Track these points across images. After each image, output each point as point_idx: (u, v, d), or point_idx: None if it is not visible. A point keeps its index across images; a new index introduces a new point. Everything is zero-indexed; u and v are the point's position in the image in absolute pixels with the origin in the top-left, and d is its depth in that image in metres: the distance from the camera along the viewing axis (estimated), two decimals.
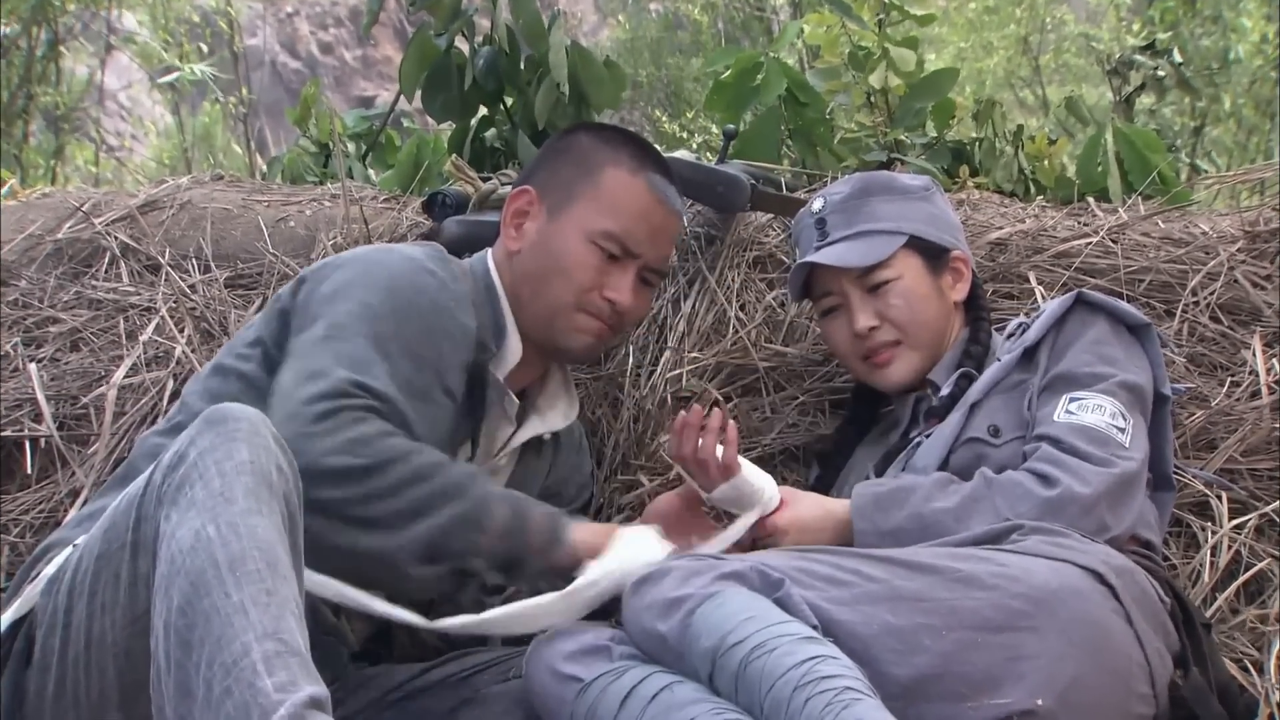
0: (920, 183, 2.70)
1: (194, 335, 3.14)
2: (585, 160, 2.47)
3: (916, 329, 2.60)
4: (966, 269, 2.68)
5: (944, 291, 2.64)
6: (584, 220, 2.42)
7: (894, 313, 2.60)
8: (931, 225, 2.64)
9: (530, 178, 2.52)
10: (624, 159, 2.46)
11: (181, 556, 1.68)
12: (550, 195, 2.47)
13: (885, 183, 2.68)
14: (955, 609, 1.98)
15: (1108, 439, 2.32)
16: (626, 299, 2.43)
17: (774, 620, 1.88)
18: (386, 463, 2.02)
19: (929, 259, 2.63)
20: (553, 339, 2.45)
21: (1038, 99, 15.34)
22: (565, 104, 3.73)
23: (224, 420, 1.79)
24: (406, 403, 2.13)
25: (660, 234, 2.47)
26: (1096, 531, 2.24)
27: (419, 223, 3.38)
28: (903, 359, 2.61)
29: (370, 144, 4.42)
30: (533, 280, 2.44)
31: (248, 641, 1.61)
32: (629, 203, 2.44)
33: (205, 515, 1.70)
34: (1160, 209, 3.41)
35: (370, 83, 24.93)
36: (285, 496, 1.79)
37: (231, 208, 3.54)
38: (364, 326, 2.17)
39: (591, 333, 2.44)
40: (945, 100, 3.95)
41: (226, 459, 1.75)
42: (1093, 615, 2.04)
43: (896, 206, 2.64)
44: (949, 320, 2.65)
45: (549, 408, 2.57)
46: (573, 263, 2.41)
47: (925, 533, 2.27)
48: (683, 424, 2.37)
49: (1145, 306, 3.04)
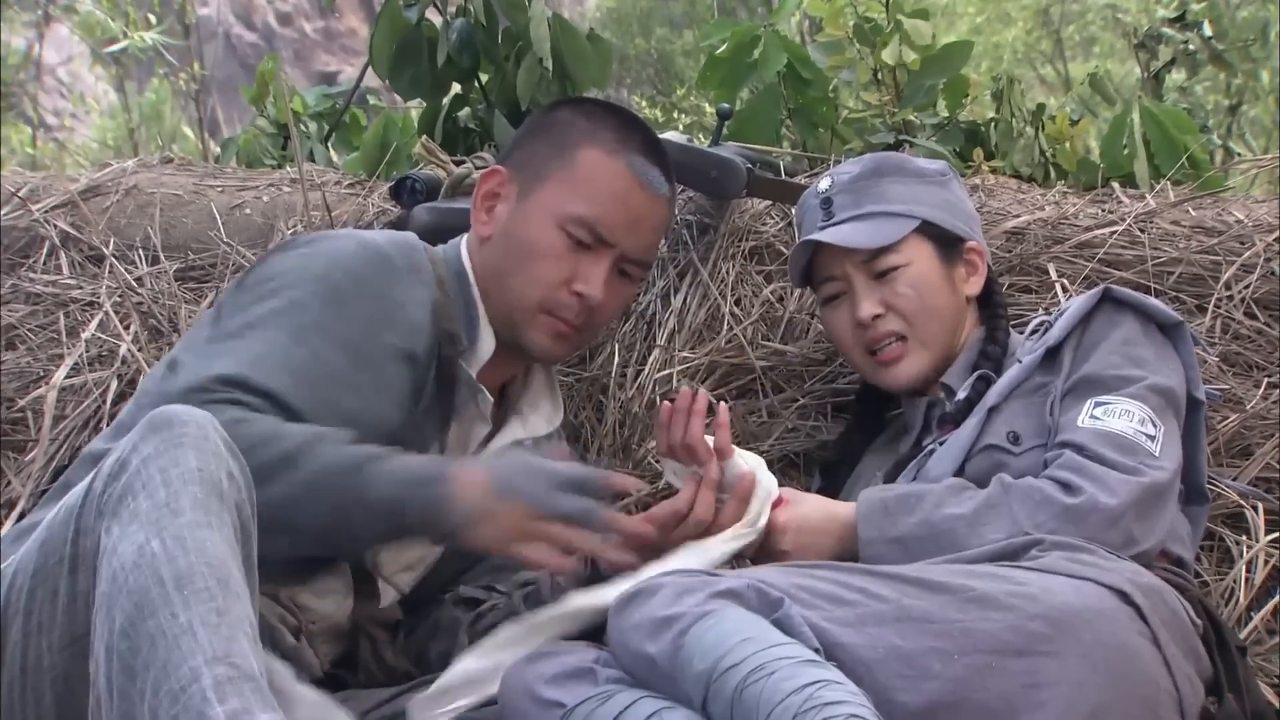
0: (936, 167, 2.70)
1: (141, 332, 3.13)
2: (561, 137, 2.46)
3: (924, 321, 2.60)
4: (982, 262, 2.68)
5: (956, 284, 2.64)
6: (553, 203, 2.41)
7: (901, 302, 2.59)
8: (946, 212, 2.64)
9: (506, 157, 2.53)
10: (603, 136, 2.44)
11: (124, 573, 1.68)
12: (523, 174, 2.46)
13: (898, 164, 2.68)
14: (969, 631, 1.98)
15: (1136, 446, 2.32)
16: (596, 292, 2.40)
17: (773, 642, 1.88)
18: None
19: (942, 247, 2.63)
20: (515, 337, 2.44)
21: (1059, 75, 15.36)
22: (547, 81, 3.73)
23: (169, 424, 1.79)
24: (310, 396, 2.13)
25: (640, 221, 2.44)
26: (1123, 546, 2.24)
27: (386, 210, 3.38)
28: (912, 356, 2.61)
29: (333, 124, 4.41)
30: (499, 271, 2.43)
31: (196, 666, 1.61)
32: (604, 185, 2.41)
33: (150, 528, 1.70)
34: (1191, 195, 3.42)
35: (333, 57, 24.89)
36: (237, 506, 1.78)
37: (182, 193, 3.53)
38: (283, 320, 2.18)
39: (555, 333, 2.42)
40: (958, 77, 3.95)
41: (172, 466, 1.75)
42: (1118, 638, 2.04)
43: (910, 189, 2.64)
44: (960, 316, 2.64)
45: (531, 410, 2.57)
46: (539, 250, 2.39)
47: (936, 541, 2.28)
48: (669, 412, 2.37)
49: (1174, 301, 3.04)
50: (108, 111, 17.78)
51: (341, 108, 4.45)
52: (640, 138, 2.47)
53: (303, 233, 3.26)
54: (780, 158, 3.54)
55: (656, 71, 16.32)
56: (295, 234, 3.29)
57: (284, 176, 3.71)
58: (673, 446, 2.37)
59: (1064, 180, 3.77)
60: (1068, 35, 15.65)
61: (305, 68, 24.17)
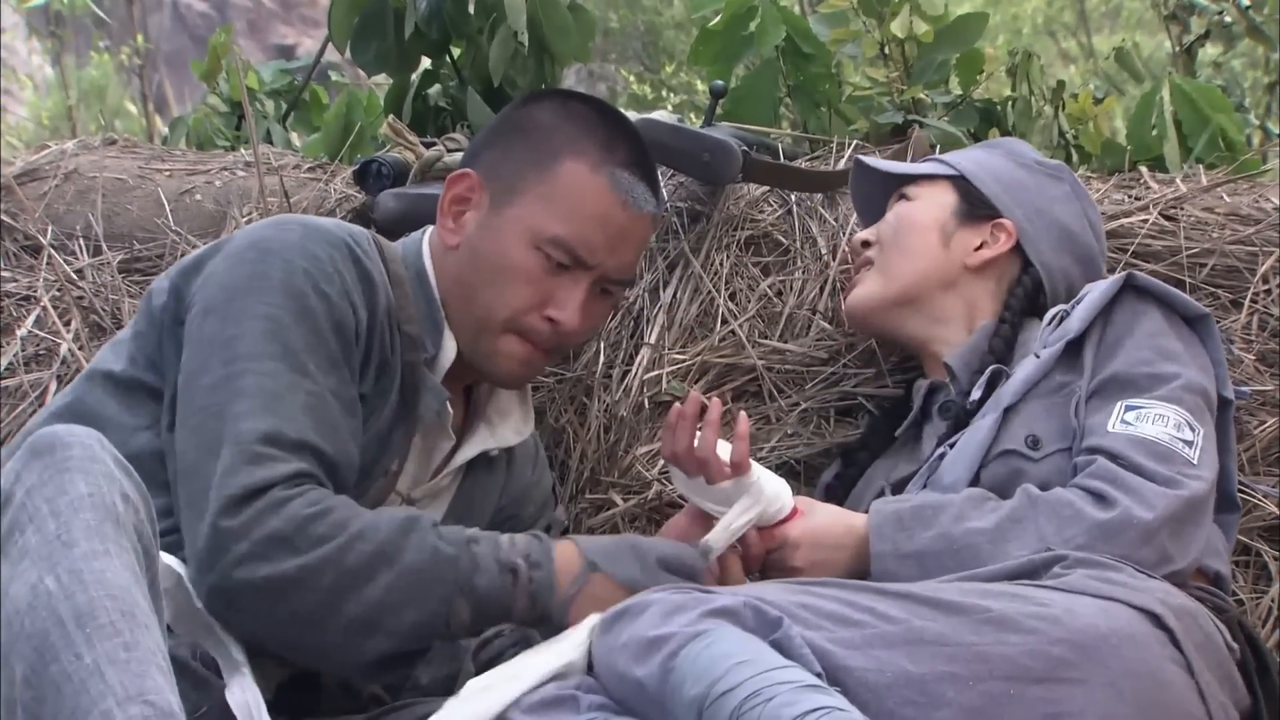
0: (1046, 161, 2.82)
1: (82, 329, 3.13)
2: (542, 143, 2.43)
3: (891, 252, 2.70)
4: (1007, 241, 2.70)
5: (953, 243, 2.68)
6: (530, 220, 2.38)
7: (884, 229, 2.73)
8: (1000, 184, 2.72)
9: (477, 157, 2.49)
10: (588, 147, 2.41)
11: (19, 617, 1.66)
12: (496, 181, 2.43)
13: (1009, 145, 2.85)
14: (985, 656, 1.98)
15: (1173, 454, 2.33)
16: (572, 319, 2.39)
17: (771, 665, 1.88)
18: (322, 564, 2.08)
19: (965, 204, 2.70)
20: (476, 359, 2.44)
21: (1082, 49, 15.39)
22: (523, 56, 3.72)
23: (51, 448, 1.77)
24: (329, 435, 2.18)
25: (622, 241, 2.42)
26: (1157, 564, 2.24)
27: (350, 196, 3.38)
28: (868, 282, 2.73)
29: (291, 102, 4.40)
30: (464, 284, 2.42)
31: (108, 709, 1.60)
32: (586, 204, 2.39)
33: (42, 565, 1.68)
34: (1226, 179, 3.42)
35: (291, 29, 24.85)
36: (136, 529, 1.77)
37: (126, 178, 3.53)
38: (271, 344, 2.20)
39: (519, 359, 2.42)
40: (972, 51, 3.95)
41: (60, 495, 1.73)
42: (1148, 665, 2.04)
43: (983, 155, 2.79)
44: (947, 277, 2.70)
45: (500, 419, 2.57)
46: (511, 270, 2.38)
47: (956, 557, 2.28)
48: (678, 416, 2.37)
49: (1208, 295, 3.05)
50: (44, 88, 17.76)
51: (301, 84, 4.44)
52: (627, 148, 2.45)
53: (256, 219, 3.26)
54: (779, 139, 3.55)
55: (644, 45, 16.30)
56: (250, 222, 3.28)
57: (238, 159, 3.70)
58: (676, 455, 2.37)
59: (1087, 164, 3.78)
60: (1092, 6, 15.68)
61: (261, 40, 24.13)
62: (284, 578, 2.06)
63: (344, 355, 2.25)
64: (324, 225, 2.35)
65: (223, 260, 2.29)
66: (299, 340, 2.20)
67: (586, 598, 2.18)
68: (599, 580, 2.20)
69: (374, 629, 2.10)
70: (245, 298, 2.23)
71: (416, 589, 2.12)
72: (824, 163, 3.41)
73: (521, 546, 2.20)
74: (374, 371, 2.32)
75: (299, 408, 2.16)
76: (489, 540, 2.19)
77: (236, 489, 2.07)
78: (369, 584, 2.09)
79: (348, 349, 2.26)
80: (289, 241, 2.28)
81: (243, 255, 2.28)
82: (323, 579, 2.07)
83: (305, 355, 2.20)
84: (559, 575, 2.18)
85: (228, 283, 2.25)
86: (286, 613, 2.08)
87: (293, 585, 2.07)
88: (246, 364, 2.17)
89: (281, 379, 2.17)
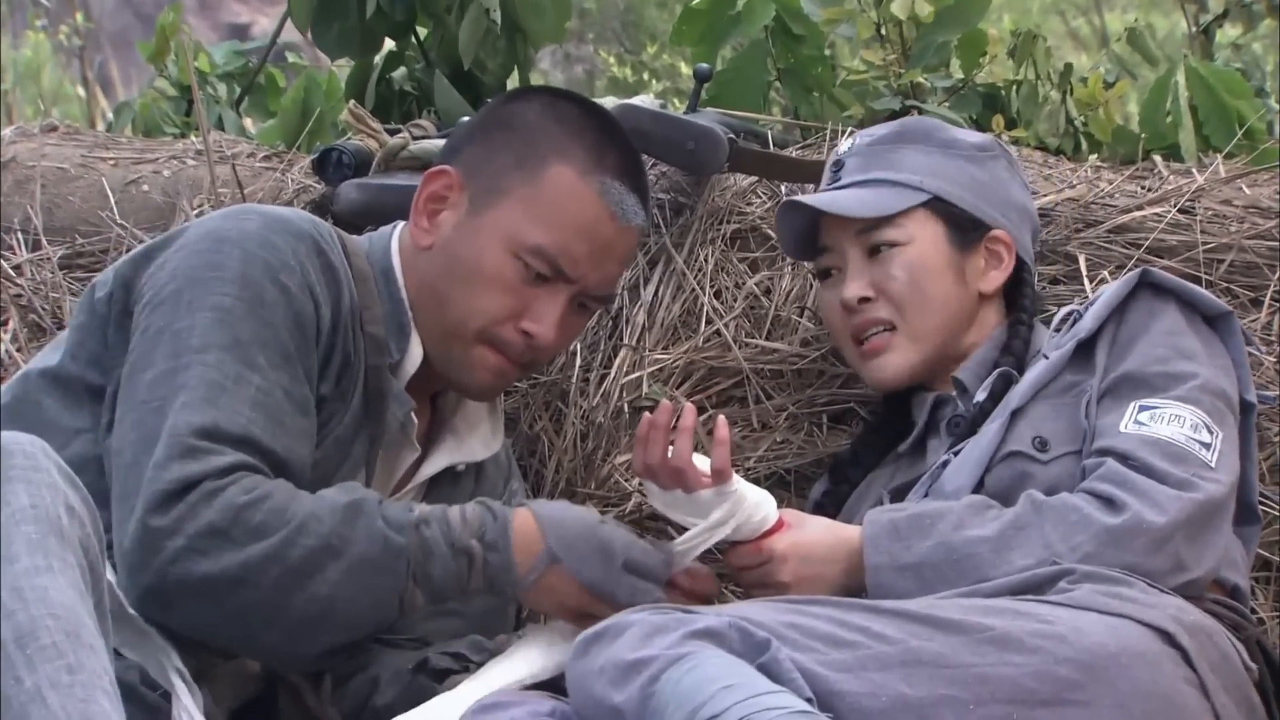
0: (975, 141, 2.73)
1: (20, 329, 3.13)
2: (529, 145, 2.44)
3: (917, 311, 2.62)
4: (1010, 255, 2.68)
5: (967, 275, 2.65)
6: (511, 225, 2.39)
7: (893, 285, 2.62)
8: (970, 192, 2.66)
9: (457, 153, 2.50)
10: (576, 153, 2.42)
11: None
12: (477, 181, 2.44)
13: (927, 130, 2.73)
14: (986, 678, 1.99)
15: (1188, 455, 2.34)
16: (548, 334, 2.40)
17: (758, 690, 1.88)
18: (264, 561, 2.09)
19: (955, 230, 2.64)
20: (446, 368, 2.45)
21: (1094, 30, 15.40)
22: (495, 36, 3.72)
23: None
24: (275, 430, 2.18)
25: (607, 255, 2.44)
26: (1170, 573, 2.25)
27: (308, 186, 3.38)
28: (899, 350, 2.63)
29: (246, 86, 4.40)
30: (436, 288, 2.42)
31: None
32: (572, 213, 2.40)
33: None
34: (1245, 170, 3.43)
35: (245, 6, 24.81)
36: (82, 544, 1.77)
37: (68, 167, 3.52)
38: (219, 336, 2.20)
39: (491, 370, 2.43)
40: (975, 32, 3.95)
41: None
42: (1160, 686, 2.05)
43: (931, 160, 2.67)
44: (966, 313, 2.66)
45: (468, 431, 2.57)
46: (487, 277, 2.38)
47: (956, 568, 2.29)
48: (649, 426, 2.35)
49: (1225, 293, 3.05)
50: None
51: (256, 67, 4.43)
52: (618, 154, 2.46)
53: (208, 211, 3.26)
54: (768, 126, 3.55)
55: (624, 25, 16.28)
56: (202, 214, 3.28)
57: (188, 147, 3.69)
58: (650, 467, 2.35)
59: (1097, 153, 3.78)
60: None
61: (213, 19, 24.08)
62: (225, 575, 2.06)
63: (300, 351, 2.25)
64: (286, 215, 2.35)
65: (176, 251, 2.29)
66: (250, 332, 2.20)
67: (543, 588, 2.21)
68: (558, 573, 2.21)
69: (323, 624, 2.11)
70: (196, 288, 2.23)
71: (367, 581, 2.13)
72: (816, 151, 3.41)
73: (475, 525, 2.19)
74: (336, 372, 2.32)
75: (244, 401, 2.16)
76: (439, 520, 2.18)
77: (167, 483, 2.08)
78: (317, 579, 2.09)
79: (305, 345, 2.26)
80: (247, 231, 2.28)
81: (197, 245, 2.28)
82: (266, 576, 2.08)
83: (256, 348, 2.20)
84: (517, 557, 2.20)
85: (180, 273, 2.25)
86: (229, 611, 2.09)
87: (234, 584, 2.07)
88: (192, 357, 2.18)
89: (228, 371, 2.17)
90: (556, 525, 2.23)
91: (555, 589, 2.21)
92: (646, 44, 14.97)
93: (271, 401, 2.19)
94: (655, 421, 2.34)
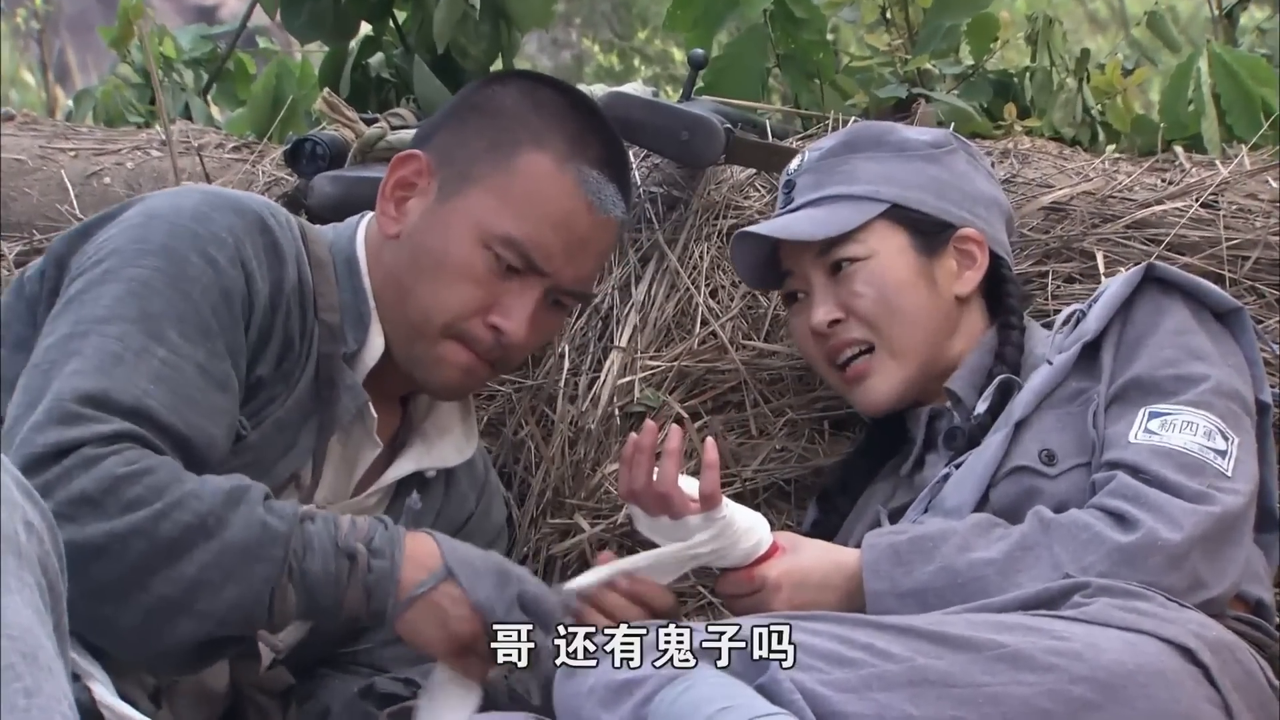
0: (929, 138, 2.73)
1: None
2: (503, 130, 2.43)
3: (890, 326, 2.61)
4: (982, 252, 2.68)
5: (938, 280, 2.65)
6: (482, 214, 2.38)
7: (860, 303, 2.61)
8: (930, 193, 2.66)
9: (428, 139, 2.50)
10: (554, 140, 2.42)
11: None
12: (448, 167, 2.43)
13: (877, 136, 2.72)
14: (997, 698, 1.99)
15: (1203, 465, 2.33)
16: (518, 330, 2.38)
17: (757, 712, 1.88)
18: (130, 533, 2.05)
19: (919, 236, 2.64)
20: (409, 364, 2.44)
21: (1112, 12, 15.43)
22: (476, 21, 3.73)
23: None
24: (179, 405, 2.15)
25: (583, 248, 2.43)
26: (1189, 591, 2.25)
27: (280, 179, 3.38)
28: (882, 372, 2.63)
29: (214, 73, 4.41)
30: (400, 280, 2.41)
31: None
32: (547, 202, 2.39)
33: None
34: (1272, 162, 3.44)
35: None
36: (41, 562, 1.77)
37: (25, 158, 3.52)
38: (127, 308, 2.18)
39: (459, 367, 2.42)
40: (985, 16, 3.96)
41: None
42: (1180, 706, 2.05)
43: (884, 167, 2.67)
44: (945, 319, 2.65)
45: (439, 436, 2.56)
46: (455, 268, 2.38)
47: (961, 593, 2.28)
48: (634, 448, 2.33)
49: (1250, 292, 3.06)
50: None
51: (224, 53, 4.44)
52: (599, 142, 2.46)
53: None
54: (767, 116, 3.55)
55: (614, 9, 16.29)
56: None
57: (152, 138, 3.70)
58: (635, 492, 2.33)
59: (1115, 144, 3.79)
60: None
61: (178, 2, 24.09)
62: (88, 544, 2.03)
63: (224, 327, 2.23)
64: (234, 194, 2.36)
65: (112, 227, 2.29)
66: (163, 305, 2.19)
67: (428, 604, 2.16)
68: (450, 592, 2.17)
69: (183, 610, 2.07)
70: (116, 259, 2.23)
71: (237, 568, 2.09)
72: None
73: (364, 531, 2.17)
74: (276, 353, 2.31)
75: (144, 375, 2.14)
76: (326, 519, 2.16)
77: (40, 446, 2.06)
78: (183, 559, 2.06)
79: (232, 320, 2.24)
80: (181, 206, 2.28)
81: (130, 220, 2.29)
82: (131, 550, 2.05)
83: (168, 322, 2.18)
84: (405, 569, 2.16)
85: (106, 247, 2.26)
86: (83, 587, 2.03)
87: (95, 554, 2.04)
88: (92, 326, 2.17)
89: (130, 344, 2.15)
90: (455, 547, 2.21)
91: (441, 609, 2.16)
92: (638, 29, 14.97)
93: (179, 376, 2.17)
94: (639, 443, 2.32)
